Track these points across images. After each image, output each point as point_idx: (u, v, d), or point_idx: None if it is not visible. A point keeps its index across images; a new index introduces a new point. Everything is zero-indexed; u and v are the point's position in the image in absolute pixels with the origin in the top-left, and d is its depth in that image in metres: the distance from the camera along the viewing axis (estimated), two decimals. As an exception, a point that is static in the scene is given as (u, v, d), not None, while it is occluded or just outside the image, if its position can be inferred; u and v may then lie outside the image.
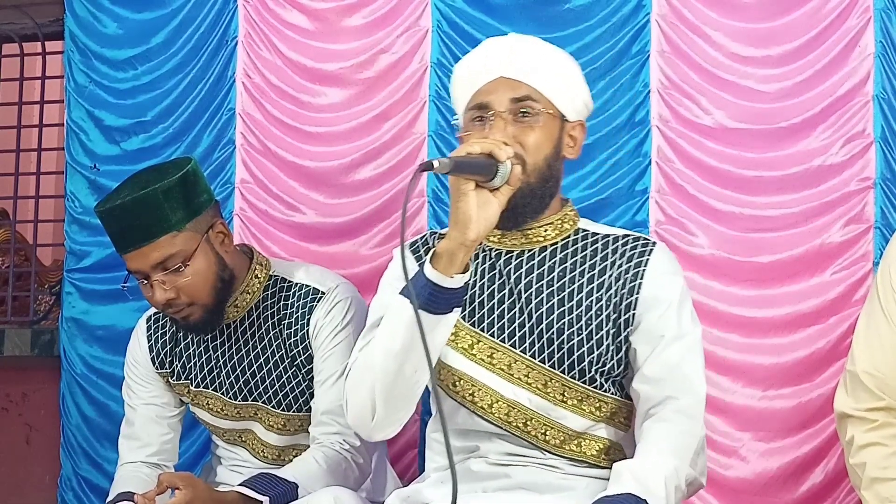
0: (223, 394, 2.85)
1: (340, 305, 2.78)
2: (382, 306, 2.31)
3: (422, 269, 2.15)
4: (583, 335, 2.32)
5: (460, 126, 2.39)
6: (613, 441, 2.38)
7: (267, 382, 2.81)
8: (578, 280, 2.35)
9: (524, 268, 2.37)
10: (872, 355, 2.35)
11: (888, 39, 2.98)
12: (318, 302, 2.77)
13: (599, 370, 2.32)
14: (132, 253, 2.67)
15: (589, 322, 2.33)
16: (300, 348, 2.78)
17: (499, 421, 2.34)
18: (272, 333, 2.80)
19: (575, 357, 2.32)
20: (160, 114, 3.58)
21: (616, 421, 2.38)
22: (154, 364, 2.91)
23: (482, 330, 2.35)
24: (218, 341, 2.84)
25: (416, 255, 2.44)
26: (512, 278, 2.37)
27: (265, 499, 2.52)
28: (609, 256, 2.37)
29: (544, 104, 2.31)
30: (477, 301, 2.36)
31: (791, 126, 3.04)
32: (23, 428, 3.91)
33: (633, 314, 2.32)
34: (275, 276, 2.84)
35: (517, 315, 2.35)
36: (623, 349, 2.34)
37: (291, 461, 2.75)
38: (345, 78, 3.40)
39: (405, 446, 3.25)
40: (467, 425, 2.37)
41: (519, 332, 2.34)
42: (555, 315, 2.33)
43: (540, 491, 2.32)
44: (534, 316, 2.34)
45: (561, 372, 2.32)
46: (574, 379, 2.32)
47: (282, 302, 2.80)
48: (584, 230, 2.41)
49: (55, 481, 3.67)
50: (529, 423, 2.33)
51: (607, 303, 2.33)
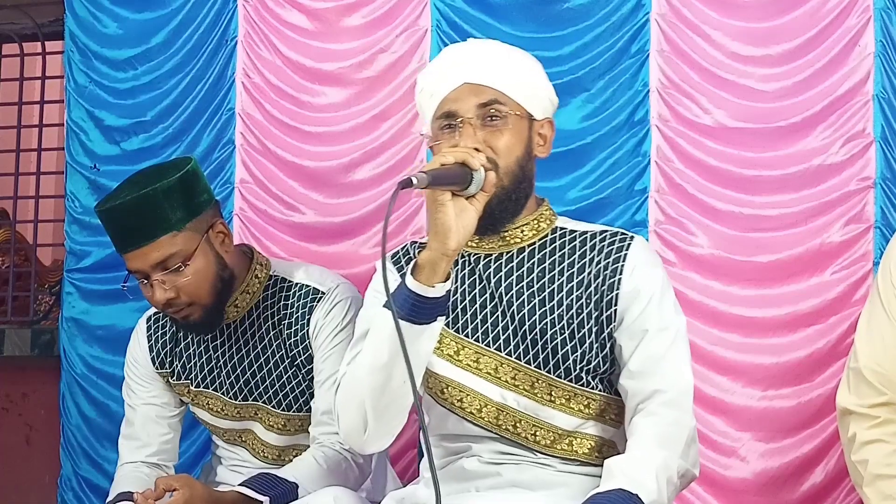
0: (223, 394, 2.85)
1: (340, 305, 2.78)
2: (369, 318, 2.31)
3: (404, 281, 2.15)
4: (566, 334, 2.32)
5: (429, 136, 2.38)
6: (605, 438, 2.37)
7: (267, 382, 2.81)
8: (558, 279, 2.35)
9: (503, 270, 2.37)
10: (874, 351, 2.35)
11: (888, 39, 2.98)
12: (318, 302, 2.77)
13: (584, 368, 2.32)
14: (132, 253, 2.67)
15: (571, 320, 2.32)
16: (300, 348, 2.78)
17: (488, 425, 2.34)
18: (272, 333, 2.80)
19: (559, 356, 2.32)
20: (160, 114, 3.59)
21: (606, 418, 2.37)
22: (154, 364, 2.91)
23: (466, 336, 2.35)
24: (218, 341, 2.84)
25: (398, 266, 2.44)
26: (492, 281, 2.37)
27: (265, 499, 2.52)
28: (587, 253, 2.36)
29: (511, 106, 2.31)
30: (459, 307, 2.37)
31: (791, 125, 3.04)
32: (23, 428, 3.91)
33: (615, 310, 2.32)
34: (275, 276, 2.84)
35: (500, 318, 2.35)
36: (607, 346, 2.33)
37: (291, 461, 2.75)
38: (344, 78, 3.40)
39: (405, 446, 3.25)
40: (457, 430, 2.37)
41: (503, 335, 2.34)
42: (537, 315, 2.33)
43: (532, 488, 2.33)
44: (516, 318, 2.34)
45: (547, 372, 2.32)
46: (560, 378, 2.32)
47: (282, 302, 2.80)
48: (562, 228, 2.41)
49: (55, 481, 3.67)
50: (519, 425, 2.33)
51: (588, 300, 2.33)
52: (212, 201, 2.78)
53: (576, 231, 2.40)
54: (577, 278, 2.35)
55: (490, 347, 2.34)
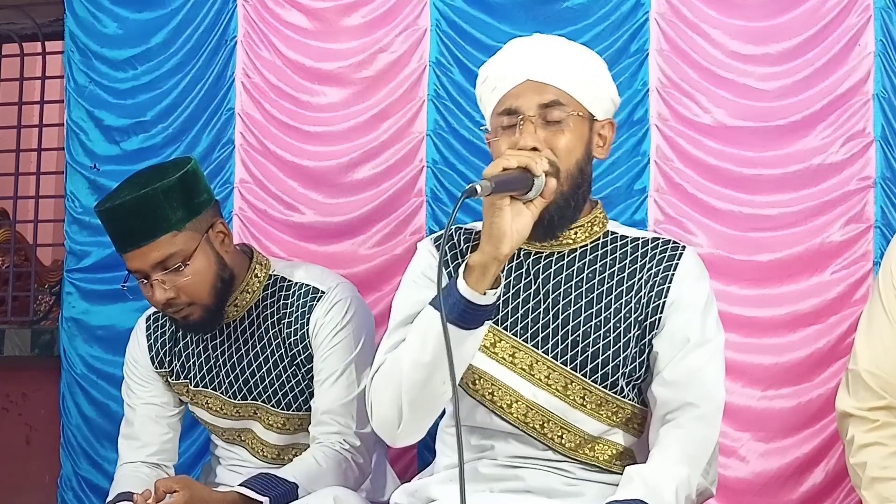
0: (222, 393, 2.85)
1: (340, 305, 2.78)
2: (410, 303, 2.31)
3: (454, 284, 2.15)
4: (609, 339, 2.31)
5: (489, 130, 2.37)
6: (626, 447, 2.36)
7: (266, 382, 2.81)
8: (607, 283, 2.34)
9: (552, 269, 2.35)
10: (874, 354, 2.34)
11: (888, 38, 2.98)
12: (318, 301, 2.77)
13: (622, 374, 2.30)
14: (132, 252, 2.68)
15: (616, 326, 2.31)
16: (300, 347, 2.78)
17: (516, 421, 2.32)
18: (272, 333, 2.80)
19: (599, 361, 2.30)
20: (160, 114, 3.58)
21: (631, 427, 2.37)
22: (153, 364, 2.91)
23: (505, 329, 2.33)
24: (217, 341, 2.84)
25: (450, 247, 2.40)
26: (539, 279, 2.35)
27: (265, 499, 2.53)
28: (638, 260, 2.35)
29: (573, 106, 2.29)
30: (502, 300, 2.33)
31: (791, 124, 3.03)
32: (23, 428, 3.91)
33: (659, 318, 2.31)
34: (274, 276, 2.84)
35: (541, 316, 2.33)
36: (646, 352, 2.32)
37: (291, 460, 2.75)
38: (344, 77, 3.40)
39: (405, 446, 3.24)
40: (485, 424, 2.36)
41: (542, 333, 2.32)
42: (581, 318, 2.32)
43: (548, 496, 2.31)
44: (559, 317, 2.32)
45: (583, 375, 2.30)
46: (596, 383, 2.31)
47: (281, 301, 2.80)
48: (614, 233, 2.40)
49: (55, 481, 3.66)
50: (546, 426, 2.32)
51: (636, 306, 2.32)
52: (212, 201, 2.78)
53: (627, 237, 2.39)
54: (626, 284, 2.33)
55: (528, 343, 2.32)
